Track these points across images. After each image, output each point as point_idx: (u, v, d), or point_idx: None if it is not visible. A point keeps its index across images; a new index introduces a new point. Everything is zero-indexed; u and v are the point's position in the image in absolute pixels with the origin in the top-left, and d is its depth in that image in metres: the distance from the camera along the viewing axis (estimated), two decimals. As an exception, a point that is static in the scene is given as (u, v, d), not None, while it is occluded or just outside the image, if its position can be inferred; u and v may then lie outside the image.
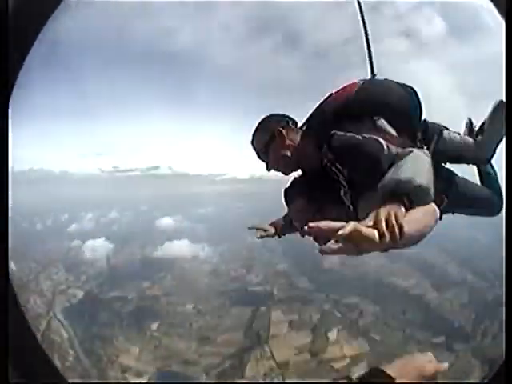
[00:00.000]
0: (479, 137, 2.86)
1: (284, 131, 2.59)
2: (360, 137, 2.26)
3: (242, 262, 42.19)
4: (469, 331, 31.41)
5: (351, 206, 2.34)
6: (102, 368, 28.25)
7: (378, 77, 3.03)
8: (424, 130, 2.77)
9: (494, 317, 31.27)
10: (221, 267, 41.87)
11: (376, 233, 1.63)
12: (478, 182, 3.15)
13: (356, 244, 1.60)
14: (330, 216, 1.89)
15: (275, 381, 28.63)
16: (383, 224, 1.65)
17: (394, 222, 1.67)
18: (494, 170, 3.09)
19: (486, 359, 27.69)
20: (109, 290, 37.42)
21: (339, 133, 2.35)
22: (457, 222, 2.90)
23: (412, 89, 2.69)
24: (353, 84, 2.69)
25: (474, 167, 3.16)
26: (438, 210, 1.98)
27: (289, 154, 2.56)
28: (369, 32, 3.28)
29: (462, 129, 3.07)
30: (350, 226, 1.57)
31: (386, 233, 1.64)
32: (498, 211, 2.93)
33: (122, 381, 27.75)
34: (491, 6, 1.86)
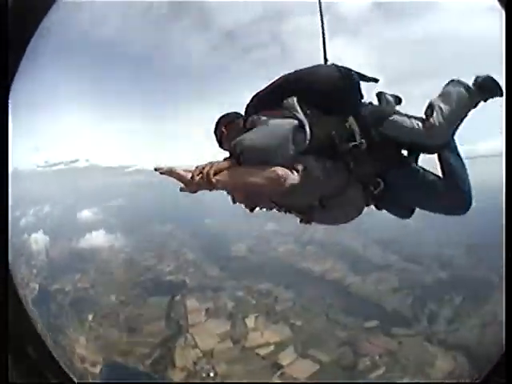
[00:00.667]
0: (430, 119, 2.66)
1: (225, 129, 2.97)
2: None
3: (153, 252, 42.18)
4: (408, 315, 31.44)
5: None
6: (69, 359, 26.35)
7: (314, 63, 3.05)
8: (357, 112, 2.75)
9: (442, 301, 31.71)
10: (134, 257, 41.56)
11: (189, 175, 2.27)
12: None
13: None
14: None
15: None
16: (197, 170, 2.27)
17: (206, 170, 2.27)
18: (461, 161, 2.79)
19: (455, 346, 27.92)
20: (52, 283, 36.35)
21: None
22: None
23: (349, 73, 2.80)
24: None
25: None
26: (281, 176, 2.29)
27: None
28: (324, 22, 3.35)
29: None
30: (168, 167, 2.25)
31: (196, 177, 2.25)
32: (465, 208, 2.68)
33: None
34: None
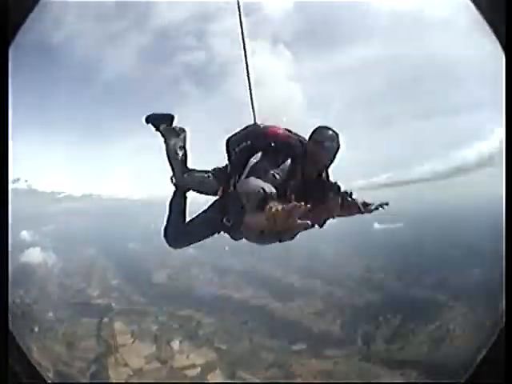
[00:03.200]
0: None
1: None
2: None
3: (82, 276, 42.55)
4: (339, 337, 31.16)
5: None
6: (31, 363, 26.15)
7: None
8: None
9: (376, 322, 31.50)
10: (66, 281, 41.55)
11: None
12: None
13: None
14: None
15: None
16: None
17: None
18: None
19: (400, 364, 27.74)
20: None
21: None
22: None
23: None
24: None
25: None
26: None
27: None
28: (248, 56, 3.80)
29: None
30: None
31: None
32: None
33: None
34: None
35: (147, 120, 4.01)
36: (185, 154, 3.98)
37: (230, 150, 3.73)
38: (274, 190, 2.98)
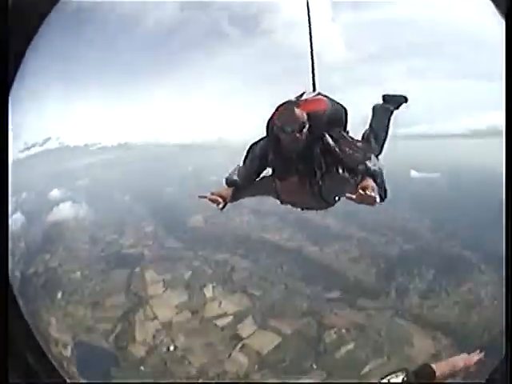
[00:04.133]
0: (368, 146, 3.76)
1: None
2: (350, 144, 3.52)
3: (114, 227, 41.83)
4: (374, 287, 30.26)
5: (320, 183, 3.50)
6: (47, 345, 25.50)
7: None
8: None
9: (411, 274, 30.48)
10: (98, 234, 41.13)
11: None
12: None
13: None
14: (304, 191, 3.57)
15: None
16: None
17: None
18: (380, 168, 3.48)
19: (433, 325, 26.86)
20: (29, 267, 36.78)
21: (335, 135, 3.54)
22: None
23: (344, 107, 3.81)
24: (322, 100, 3.78)
25: None
26: None
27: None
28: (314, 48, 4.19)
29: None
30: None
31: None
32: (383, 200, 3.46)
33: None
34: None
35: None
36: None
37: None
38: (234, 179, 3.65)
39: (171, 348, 27.10)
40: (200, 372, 25.79)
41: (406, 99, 4.30)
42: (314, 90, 4.22)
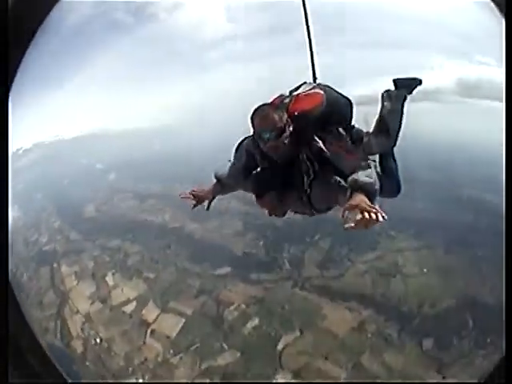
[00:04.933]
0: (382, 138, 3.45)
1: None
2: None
3: (35, 226, 41.60)
4: (265, 259, 28.88)
5: (308, 191, 3.25)
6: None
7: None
8: (351, 134, 3.42)
9: (304, 243, 29.32)
10: (27, 235, 40.59)
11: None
12: None
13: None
14: (291, 200, 3.34)
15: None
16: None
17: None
18: (395, 162, 3.67)
19: (341, 295, 25.97)
20: None
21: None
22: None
23: (348, 99, 3.61)
24: (318, 94, 3.46)
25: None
26: None
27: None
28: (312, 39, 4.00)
29: None
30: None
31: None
32: (398, 193, 3.65)
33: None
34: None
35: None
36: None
37: None
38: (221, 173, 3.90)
39: (97, 340, 26.71)
40: (126, 362, 25.19)
41: (420, 81, 3.75)
42: (315, 80, 4.04)
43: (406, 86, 3.67)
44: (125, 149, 54.33)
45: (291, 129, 3.11)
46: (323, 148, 3.11)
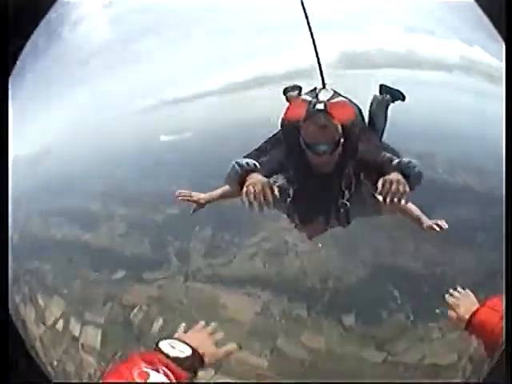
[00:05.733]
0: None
1: None
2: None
3: None
4: (153, 257, 28.22)
5: (347, 205, 3.14)
6: None
7: None
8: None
9: (187, 235, 28.19)
10: None
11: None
12: None
13: None
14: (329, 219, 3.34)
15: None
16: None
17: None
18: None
19: (235, 281, 25.40)
20: None
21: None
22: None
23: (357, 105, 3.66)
24: (349, 104, 3.49)
25: None
26: None
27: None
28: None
29: None
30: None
31: None
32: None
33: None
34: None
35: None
36: None
37: None
38: (252, 162, 2.96)
39: (54, 363, 25.63)
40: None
41: (403, 97, 4.01)
42: (324, 86, 3.78)
43: (391, 95, 3.93)
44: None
45: (342, 140, 2.98)
46: (366, 159, 3.04)
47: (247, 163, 2.85)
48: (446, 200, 27.88)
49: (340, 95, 3.51)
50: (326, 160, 2.91)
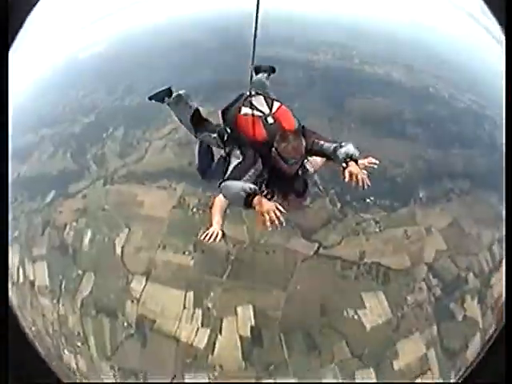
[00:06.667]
0: None
1: None
2: None
3: None
4: (74, 168, 28.10)
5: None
6: None
7: None
8: None
9: (97, 140, 28.53)
10: None
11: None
12: None
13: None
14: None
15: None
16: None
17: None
18: None
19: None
20: None
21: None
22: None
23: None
24: (289, 112, 4.15)
25: None
26: None
27: None
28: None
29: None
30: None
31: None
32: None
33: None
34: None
35: (150, 99, 4.67)
36: (194, 121, 4.61)
37: (225, 120, 4.26)
38: (253, 187, 3.54)
39: None
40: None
41: (274, 69, 4.85)
42: (251, 94, 4.19)
43: (264, 71, 4.85)
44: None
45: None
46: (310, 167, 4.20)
47: (250, 188, 3.51)
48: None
49: (266, 97, 4.20)
50: (294, 168, 3.79)
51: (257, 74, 4.72)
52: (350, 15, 38.88)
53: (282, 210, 3.34)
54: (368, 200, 23.22)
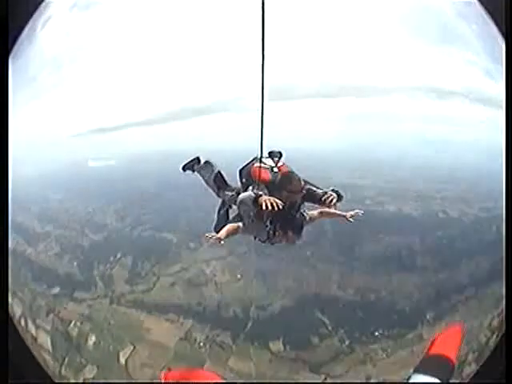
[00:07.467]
0: None
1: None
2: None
3: None
4: (82, 278, 28.45)
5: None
6: None
7: None
8: None
9: (110, 261, 28.92)
10: None
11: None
12: None
13: None
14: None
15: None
16: None
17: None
18: None
19: (156, 308, 25.89)
20: None
21: None
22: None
23: None
24: (286, 167, 5.07)
25: None
26: None
27: None
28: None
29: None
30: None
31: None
32: None
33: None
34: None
35: (184, 169, 5.67)
36: (217, 182, 5.48)
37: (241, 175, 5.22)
38: (259, 192, 4.45)
39: None
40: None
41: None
42: (262, 157, 4.73)
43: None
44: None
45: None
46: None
47: (255, 193, 4.38)
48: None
49: (273, 157, 5.13)
50: (293, 201, 4.47)
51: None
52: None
53: (278, 202, 4.12)
54: (377, 333, 23.38)
